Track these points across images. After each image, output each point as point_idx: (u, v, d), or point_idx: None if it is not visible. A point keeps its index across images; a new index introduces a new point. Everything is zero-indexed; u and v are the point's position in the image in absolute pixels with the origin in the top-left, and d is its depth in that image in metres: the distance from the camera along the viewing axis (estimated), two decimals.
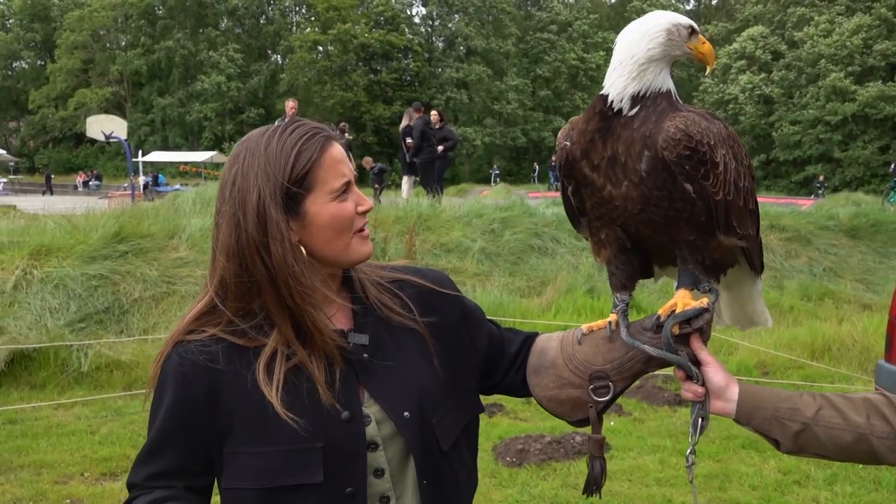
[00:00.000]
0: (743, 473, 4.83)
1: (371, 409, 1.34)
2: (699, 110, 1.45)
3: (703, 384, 1.44)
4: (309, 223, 1.32)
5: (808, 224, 13.03)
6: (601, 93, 1.46)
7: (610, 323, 1.52)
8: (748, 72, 46.96)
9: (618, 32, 1.55)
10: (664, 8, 55.01)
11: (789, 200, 24.27)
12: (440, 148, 13.41)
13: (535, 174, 46.38)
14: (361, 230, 1.38)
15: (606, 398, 1.49)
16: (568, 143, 1.50)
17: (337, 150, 1.36)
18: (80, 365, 6.38)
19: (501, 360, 1.57)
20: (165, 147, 50.32)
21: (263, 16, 57.80)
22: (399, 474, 1.35)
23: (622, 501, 4.40)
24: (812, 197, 28.77)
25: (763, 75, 46.39)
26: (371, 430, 1.33)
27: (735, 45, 48.75)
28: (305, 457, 1.27)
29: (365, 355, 1.36)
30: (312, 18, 54.97)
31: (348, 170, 1.37)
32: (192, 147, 51.17)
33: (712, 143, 1.41)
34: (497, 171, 43.75)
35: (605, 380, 1.49)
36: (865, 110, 42.06)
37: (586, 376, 1.50)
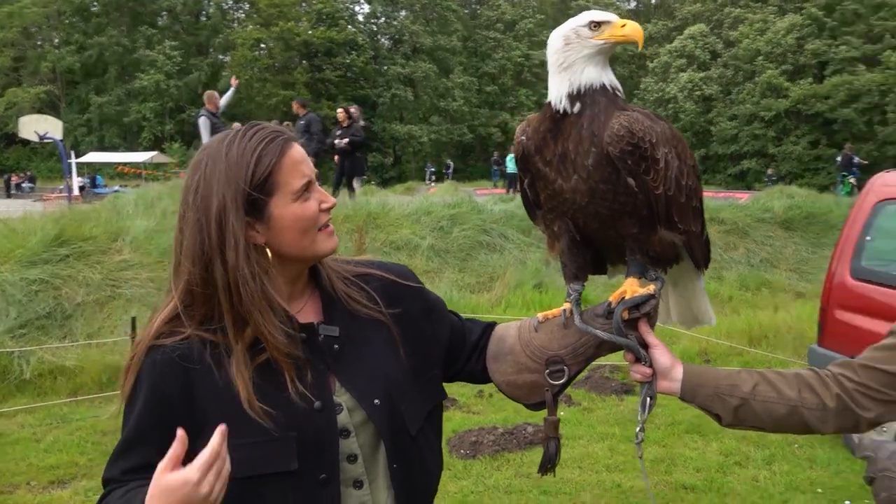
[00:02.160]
0: (687, 457, 5.03)
1: (342, 397, 1.40)
2: (645, 111, 1.54)
3: (651, 365, 1.54)
4: (274, 225, 1.37)
5: (746, 217, 13.50)
6: (547, 99, 1.55)
7: (564, 311, 1.60)
8: (689, 70, 48.09)
9: None
10: (606, 7, 55.97)
11: (728, 194, 25.06)
12: (344, 141, 12.85)
13: (450, 171, 44.21)
14: (326, 226, 1.43)
15: (561, 381, 1.57)
16: (524, 138, 1.59)
17: (297, 151, 1.40)
18: (21, 372, 6.23)
19: (463, 349, 1.64)
20: (103, 148, 48.77)
21: (203, 13, 56.59)
22: (371, 459, 1.41)
23: (573, 488, 4.54)
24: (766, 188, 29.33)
25: (703, 73, 47.57)
26: (343, 418, 1.38)
27: (675, 44, 49.89)
28: (280, 447, 1.32)
29: (336, 346, 1.42)
30: (254, 15, 54.10)
31: (308, 169, 1.42)
32: (131, 147, 49.72)
33: (654, 140, 1.50)
34: (433, 169, 42.83)
35: (561, 364, 1.57)
36: (798, 106, 43.62)
37: (542, 361, 1.58)
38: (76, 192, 25.33)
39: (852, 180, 23.22)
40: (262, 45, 52.32)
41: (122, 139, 52.31)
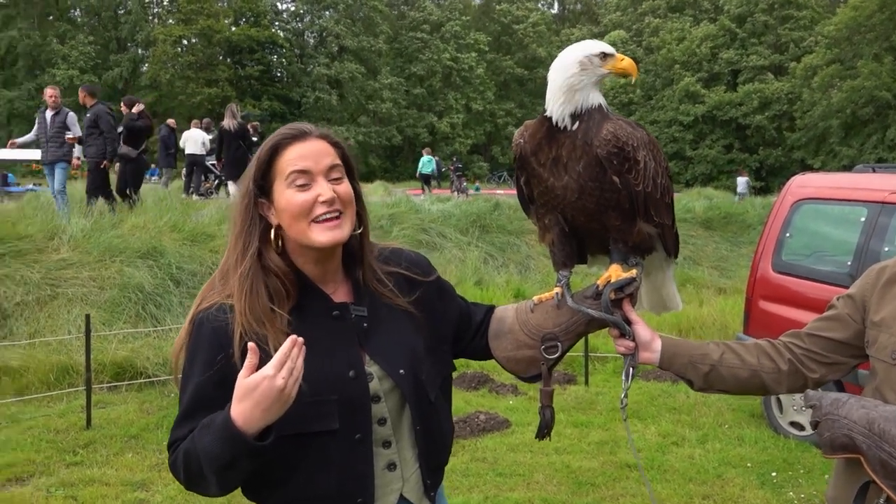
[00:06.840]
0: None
1: (372, 367, 1.59)
2: (628, 120, 1.79)
3: (633, 339, 1.79)
4: (277, 208, 1.56)
5: None
6: (546, 114, 1.77)
7: (557, 293, 1.84)
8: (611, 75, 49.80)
9: (486, 33, 1.85)
10: (530, 12, 56.97)
11: None
12: (131, 152, 10.92)
13: None
14: (324, 219, 1.54)
15: (556, 355, 1.80)
16: (522, 142, 1.82)
17: (305, 145, 1.56)
18: None
19: (469, 328, 1.86)
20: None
21: (121, 7, 54.59)
22: (397, 422, 1.61)
23: (526, 470, 4.81)
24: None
25: (625, 79, 49.23)
26: (374, 386, 1.58)
27: None
28: (323, 408, 1.50)
29: (365, 325, 1.61)
30: (174, 10, 52.55)
31: (312, 163, 1.55)
32: None
33: (636, 145, 1.75)
34: None
35: (555, 340, 1.80)
36: (713, 112, 45.75)
37: (539, 338, 1.80)
38: None
39: None
40: (185, 42, 50.96)
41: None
